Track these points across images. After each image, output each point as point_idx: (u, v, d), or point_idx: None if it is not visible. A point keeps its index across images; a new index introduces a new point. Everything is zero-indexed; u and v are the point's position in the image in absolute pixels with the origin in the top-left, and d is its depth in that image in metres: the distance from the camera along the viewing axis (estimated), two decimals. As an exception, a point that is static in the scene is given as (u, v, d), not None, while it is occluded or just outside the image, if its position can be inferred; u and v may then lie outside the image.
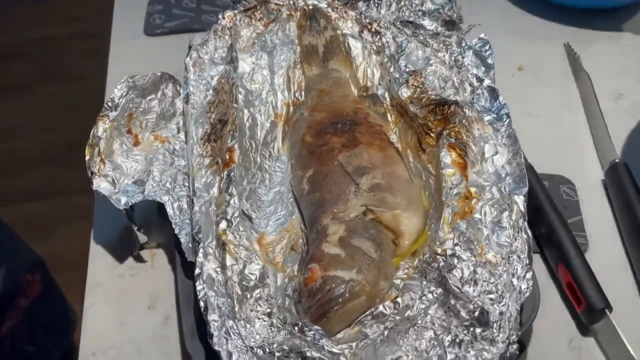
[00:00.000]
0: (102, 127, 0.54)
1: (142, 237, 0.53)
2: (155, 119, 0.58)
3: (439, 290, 0.44)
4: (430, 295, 0.44)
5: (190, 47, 0.62)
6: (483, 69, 0.61)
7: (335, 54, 0.66)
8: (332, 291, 0.43)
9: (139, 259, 0.54)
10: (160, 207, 0.53)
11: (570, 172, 0.60)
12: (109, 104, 0.55)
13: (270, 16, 0.69)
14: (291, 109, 0.63)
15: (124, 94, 0.56)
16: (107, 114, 0.54)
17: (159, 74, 0.58)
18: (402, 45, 0.63)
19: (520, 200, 0.48)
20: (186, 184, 0.54)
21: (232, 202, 0.49)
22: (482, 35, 0.64)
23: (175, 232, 0.49)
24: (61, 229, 1.40)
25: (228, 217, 0.48)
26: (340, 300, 0.43)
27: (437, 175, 0.53)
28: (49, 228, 1.40)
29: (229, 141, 0.53)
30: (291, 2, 0.70)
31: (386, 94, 0.63)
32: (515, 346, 0.41)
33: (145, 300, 0.52)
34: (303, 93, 0.64)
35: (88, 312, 0.51)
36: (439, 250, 0.44)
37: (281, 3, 0.69)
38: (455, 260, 0.44)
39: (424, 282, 0.45)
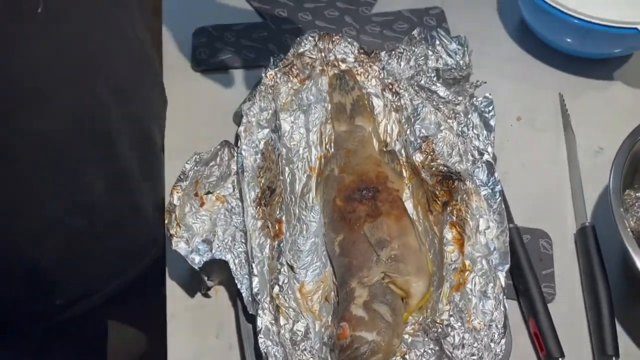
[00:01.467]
0: (176, 196, 0.67)
1: (209, 284, 0.68)
2: (215, 181, 0.71)
3: (436, 348, 0.60)
4: (429, 351, 0.60)
5: (241, 115, 0.74)
6: (485, 133, 0.73)
7: (360, 111, 0.78)
8: (358, 349, 0.59)
9: (206, 295, 0.70)
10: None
11: (549, 226, 0.74)
12: (181, 176, 0.68)
13: (305, 71, 0.80)
14: (322, 161, 0.76)
15: (192, 167, 0.69)
16: (180, 185, 0.68)
17: (218, 146, 0.71)
18: (418, 109, 0.75)
19: (502, 276, 0.62)
20: (243, 240, 0.68)
21: (282, 270, 0.64)
22: (487, 95, 0.76)
23: (238, 287, 0.65)
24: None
25: (280, 284, 0.63)
26: (364, 356, 0.59)
27: (440, 239, 0.67)
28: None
29: (277, 212, 0.67)
30: (323, 55, 0.80)
31: (402, 151, 0.75)
32: (489, 395, 0.57)
33: (213, 330, 0.68)
34: (332, 145, 0.76)
35: (171, 337, 0.68)
36: (438, 320, 0.60)
37: (314, 57, 0.80)
38: (449, 329, 0.59)
39: (425, 339, 0.61)
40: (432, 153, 0.72)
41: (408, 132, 0.74)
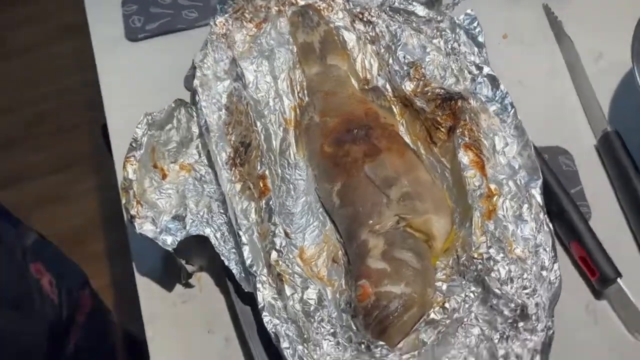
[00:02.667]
0: (131, 169, 0.55)
1: (189, 268, 0.56)
2: (176, 148, 0.59)
3: (479, 289, 0.49)
4: (471, 295, 0.49)
5: (194, 67, 0.62)
6: (476, 50, 0.64)
7: (331, 49, 0.67)
8: (387, 307, 0.48)
9: (188, 285, 0.57)
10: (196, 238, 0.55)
11: (564, 141, 0.65)
12: (133, 144, 0.56)
13: (259, 15, 0.69)
14: (297, 111, 0.65)
15: (145, 131, 0.56)
16: (133, 155, 0.56)
17: (173, 104, 0.59)
18: (397, 34, 0.65)
19: (537, 194, 0.52)
20: (221, 210, 0.56)
21: (277, 231, 0.52)
22: (469, 11, 0.66)
23: (225, 263, 0.53)
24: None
25: (277, 248, 0.51)
26: (396, 314, 0.48)
27: (454, 170, 0.57)
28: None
29: (259, 168, 0.56)
30: (277, -4, 0.69)
31: (387, 85, 0.65)
32: (551, 331, 0.47)
33: (203, 325, 0.56)
34: (306, 92, 0.65)
35: (152, 343, 0.55)
36: (476, 255, 0.50)
37: (267, -1, 0.69)
38: (492, 263, 0.49)
39: (463, 282, 0.50)
40: (423, 78, 0.62)
41: (390, 61, 0.64)
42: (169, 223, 0.54)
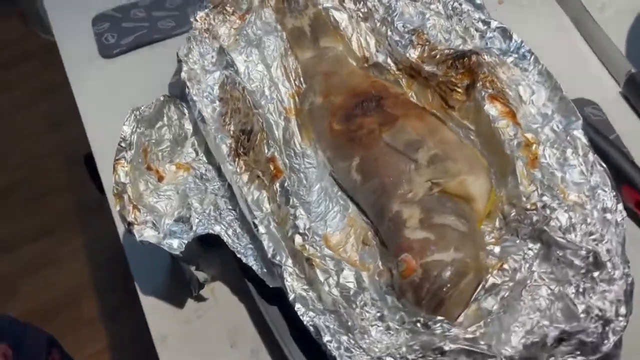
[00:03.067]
0: (122, 172, 0.48)
1: (201, 276, 0.48)
2: (170, 147, 0.53)
3: (537, 245, 0.43)
4: (530, 252, 0.43)
5: (179, 61, 0.57)
6: (478, 12, 0.59)
7: (323, 31, 0.62)
8: (439, 277, 0.41)
9: (200, 299, 0.50)
10: (201, 238, 0.49)
11: (588, 92, 0.60)
12: (122, 144, 0.49)
13: (242, 7, 0.64)
14: (296, 99, 0.59)
15: (134, 129, 0.50)
16: (124, 156, 0.49)
17: (161, 98, 0.53)
18: (391, 5, 0.61)
19: (580, 135, 0.47)
20: (229, 207, 0.50)
21: (298, 213, 0.46)
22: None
23: (243, 261, 0.46)
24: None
25: (301, 231, 0.45)
26: (450, 284, 0.41)
27: (481, 128, 0.51)
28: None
29: (266, 151, 0.49)
30: (258, -14, 0.65)
31: (389, 60, 0.60)
32: (630, 278, 0.41)
33: (225, 339, 0.48)
34: (302, 79, 0.60)
35: (167, 369, 0.47)
36: (529, 205, 0.43)
37: (247, -10, 0.64)
38: (548, 211, 0.43)
39: (517, 241, 0.44)
40: (427, 43, 0.57)
41: (389, 33, 0.59)
42: (173, 226, 0.47)
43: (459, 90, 0.54)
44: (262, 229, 0.45)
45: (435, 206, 0.45)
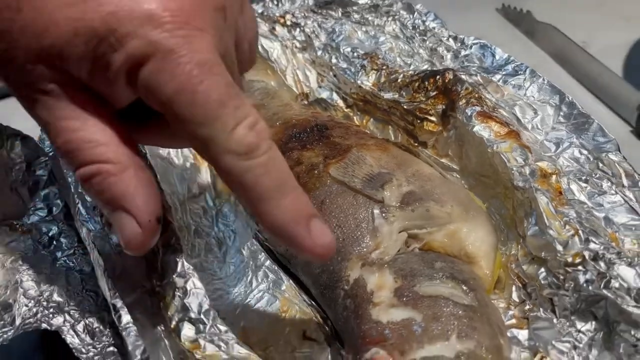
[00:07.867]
0: None
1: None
2: None
3: (590, 324, 0.26)
4: (582, 337, 0.26)
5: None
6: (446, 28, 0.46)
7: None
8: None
9: None
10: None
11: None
12: None
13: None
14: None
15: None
16: None
17: None
18: (335, 29, 0.47)
19: (619, 158, 0.32)
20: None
21: (189, 286, 0.27)
22: (418, 7, 0.50)
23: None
24: None
25: (193, 316, 0.26)
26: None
27: (470, 165, 0.36)
28: None
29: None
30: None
31: (334, 95, 0.46)
32: None
33: None
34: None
35: None
36: (570, 259, 0.27)
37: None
38: (603, 265, 0.26)
39: (556, 320, 0.27)
40: (384, 67, 0.43)
41: (334, 61, 0.45)
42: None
43: (432, 118, 0.39)
44: (125, 319, 0.26)
45: (417, 268, 0.28)
